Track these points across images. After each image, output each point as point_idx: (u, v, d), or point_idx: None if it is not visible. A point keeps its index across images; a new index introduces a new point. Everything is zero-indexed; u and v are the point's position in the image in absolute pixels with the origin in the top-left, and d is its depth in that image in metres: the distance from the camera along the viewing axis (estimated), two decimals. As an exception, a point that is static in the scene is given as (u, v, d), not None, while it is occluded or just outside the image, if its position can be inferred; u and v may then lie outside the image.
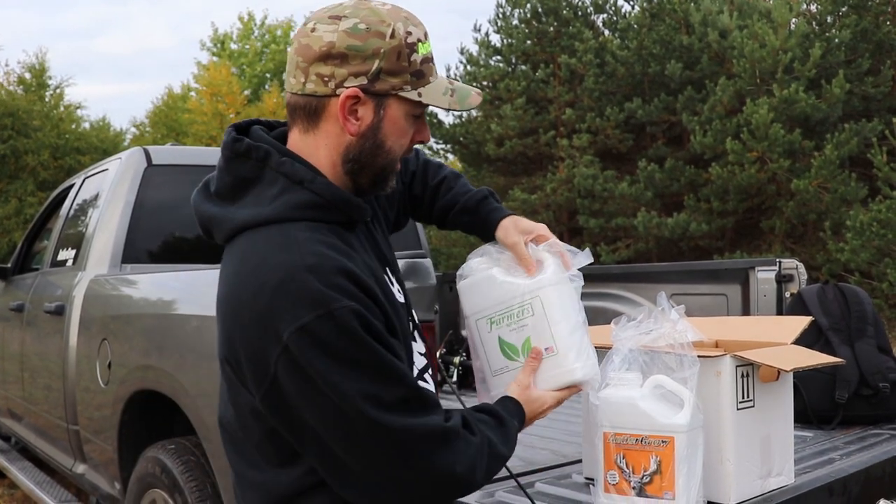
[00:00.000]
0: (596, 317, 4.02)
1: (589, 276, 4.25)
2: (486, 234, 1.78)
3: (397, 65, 1.39)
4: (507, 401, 1.57)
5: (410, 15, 1.44)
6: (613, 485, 1.76)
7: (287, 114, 1.48)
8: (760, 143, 12.55)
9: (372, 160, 1.44)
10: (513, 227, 1.73)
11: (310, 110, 1.42)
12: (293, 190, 1.40)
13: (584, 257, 1.73)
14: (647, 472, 1.72)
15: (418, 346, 1.62)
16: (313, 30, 1.39)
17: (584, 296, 1.75)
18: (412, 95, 1.41)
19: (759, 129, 12.46)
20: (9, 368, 4.90)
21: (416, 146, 1.60)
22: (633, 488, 1.73)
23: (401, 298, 1.55)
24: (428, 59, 1.44)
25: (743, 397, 1.79)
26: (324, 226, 1.40)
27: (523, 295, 1.65)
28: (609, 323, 1.95)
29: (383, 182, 1.49)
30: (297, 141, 1.46)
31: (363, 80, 1.38)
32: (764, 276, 3.29)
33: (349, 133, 1.42)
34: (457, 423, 1.38)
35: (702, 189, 13.98)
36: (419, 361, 1.61)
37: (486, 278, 1.72)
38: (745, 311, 3.34)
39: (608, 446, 1.78)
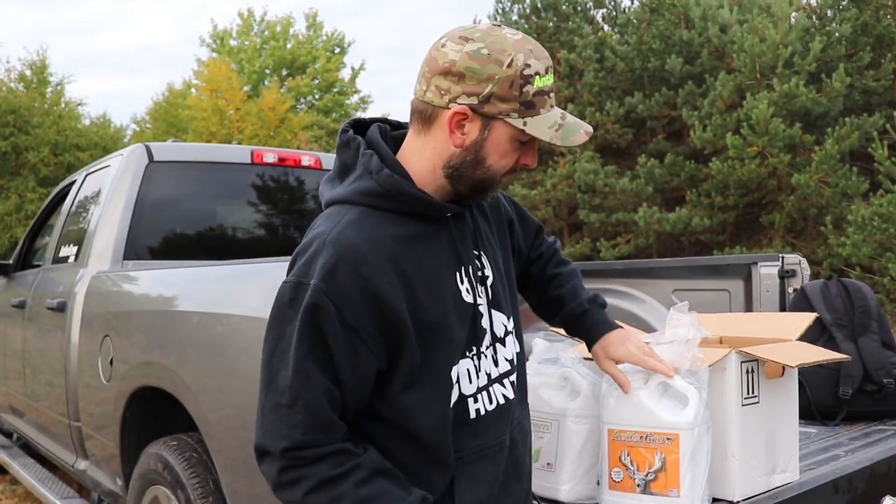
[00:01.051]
0: (598, 312, 4.04)
1: (590, 271, 4.28)
2: (589, 346, 1.91)
3: (509, 92, 1.51)
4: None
5: (537, 48, 1.54)
6: (618, 482, 1.75)
7: (409, 113, 1.62)
8: (761, 138, 12.53)
9: (471, 172, 1.56)
10: (618, 344, 1.85)
11: (425, 116, 1.57)
12: (364, 178, 1.57)
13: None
14: (652, 470, 1.71)
15: (504, 352, 1.68)
16: (443, 45, 1.54)
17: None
18: (517, 123, 1.52)
19: (759, 123, 12.44)
20: (11, 365, 4.90)
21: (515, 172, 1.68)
22: (638, 486, 1.72)
23: (469, 299, 1.60)
24: (543, 92, 1.53)
25: (748, 393, 1.79)
26: (383, 213, 1.55)
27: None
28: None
29: (482, 193, 1.60)
30: (410, 139, 1.61)
31: (474, 100, 1.52)
32: (767, 272, 3.28)
33: (454, 144, 1.55)
34: (303, 455, 1.44)
35: (702, 184, 13.96)
36: (503, 367, 1.67)
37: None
38: (748, 306, 3.33)
39: (612, 443, 1.77)
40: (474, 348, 1.60)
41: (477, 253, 1.67)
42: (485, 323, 1.63)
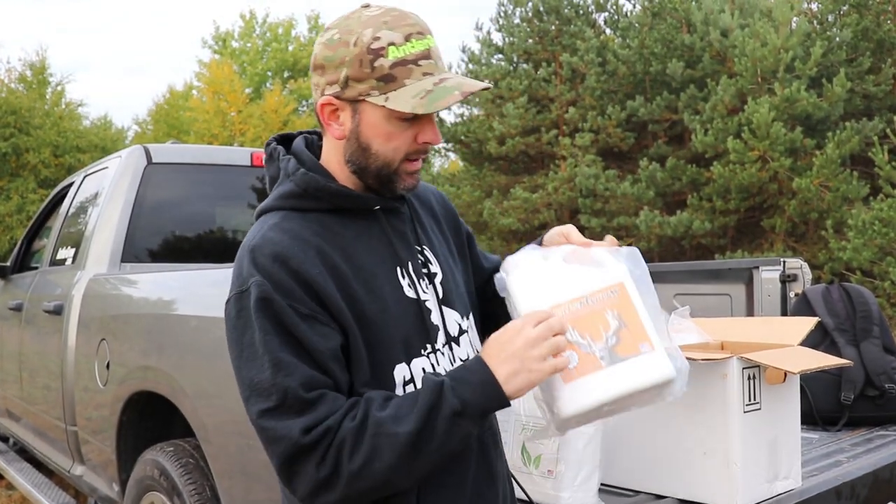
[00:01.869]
0: (598, 317, 4.03)
1: (591, 275, 4.25)
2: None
3: (360, 71, 1.45)
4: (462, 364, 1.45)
5: (397, 18, 1.47)
6: (574, 368, 1.40)
7: None
8: (762, 142, 12.53)
9: (364, 162, 1.51)
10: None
11: (317, 116, 1.54)
12: (284, 183, 1.55)
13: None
14: (611, 332, 1.41)
15: (459, 352, 1.60)
16: (315, 43, 1.52)
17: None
18: (379, 100, 1.45)
19: (760, 127, 12.44)
20: (7, 368, 4.88)
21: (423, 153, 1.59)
22: (603, 358, 1.40)
23: (412, 294, 1.54)
24: (405, 62, 1.44)
25: (750, 400, 1.77)
26: (307, 214, 1.52)
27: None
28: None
29: (389, 183, 1.53)
30: (324, 143, 1.60)
31: (337, 88, 1.48)
32: (768, 276, 3.27)
33: (335, 137, 1.52)
34: (313, 438, 1.35)
35: (704, 188, 13.96)
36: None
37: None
38: (750, 311, 3.31)
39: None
40: (428, 346, 1.53)
41: (419, 248, 1.62)
42: (435, 319, 1.57)
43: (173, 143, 4.18)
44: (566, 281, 1.46)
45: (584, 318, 1.42)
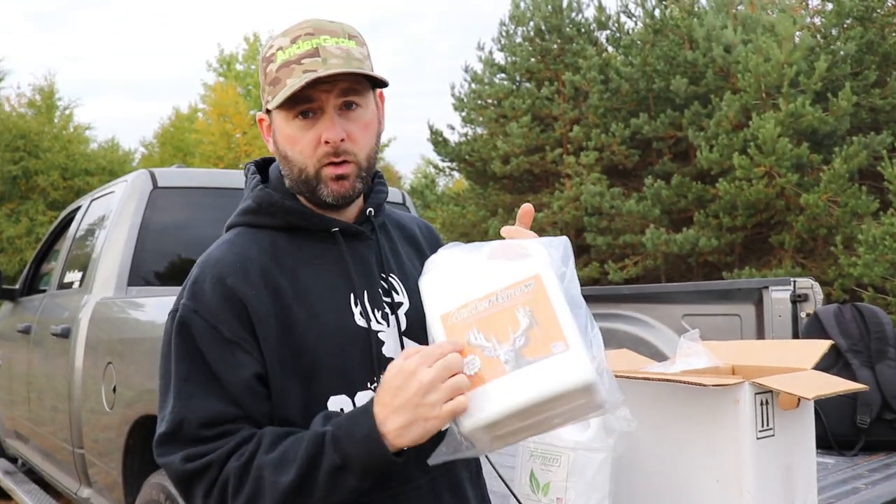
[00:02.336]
0: (607, 339, 3.98)
1: (599, 296, 4.24)
2: None
3: (263, 81, 1.48)
4: (353, 410, 1.33)
5: (294, 27, 1.46)
6: (475, 374, 1.24)
7: None
8: (768, 158, 12.50)
9: (290, 171, 1.49)
10: None
11: None
12: (245, 199, 1.56)
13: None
14: (520, 332, 1.25)
15: None
16: None
17: (594, 317, 1.68)
18: (270, 105, 1.46)
19: (766, 143, 12.42)
20: (16, 390, 4.88)
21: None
22: (507, 362, 1.23)
23: (362, 323, 1.47)
24: (288, 63, 1.42)
25: (763, 426, 1.74)
26: (263, 231, 1.51)
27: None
28: (620, 345, 1.94)
29: (315, 192, 1.48)
30: None
31: (265, 104, 1.49)
32: (778, 296, 3.24)
33: (271, 152, 1.54)
34: (195, 467, 1.31)
35: (710, 205, 13.92)
36: None
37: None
38: (760, 331, 3.29)
39: (452, 329, 1.31)
40: (375, 379, 1.44)
41: (384, 276, 1.55)
42: (389, 352, 1.48)
43: (178, 168, 4.19)
44: (480, 277, 1.32)
45: (491, 317, 1.27)
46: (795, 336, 3.12)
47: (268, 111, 1.50)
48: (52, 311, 4.31)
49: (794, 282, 3.24)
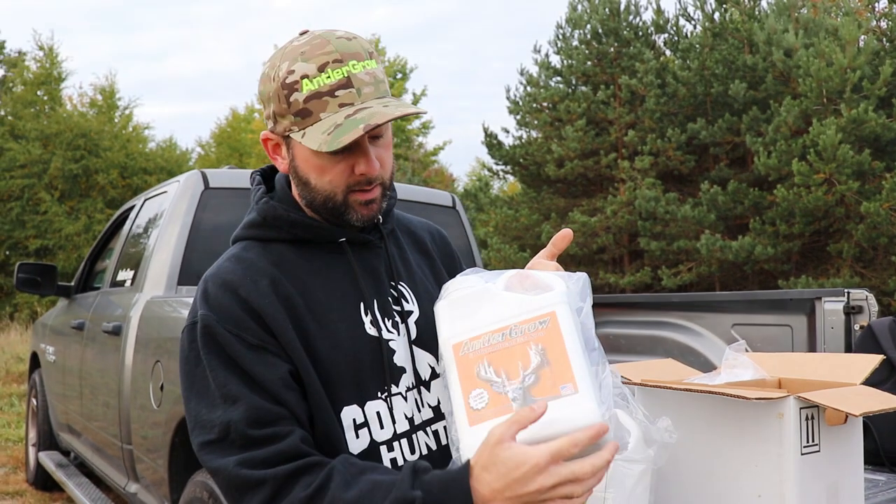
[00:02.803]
0: (654, 346, 3.94)
1: (648, 304, 4.18)
2: None
3: (280, 107, 1.41)
4: (444, 475, 1.23)
5: (314, 48, 1.38)
6: (481, 409, 1.25)
7: None
8: (828, 165, 12.24)
9: (310, 196, 1.46)
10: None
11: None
12: (250, 211, 1.54)
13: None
14: (530, 371, 1.25)
15: (429, 397, 1.51)
16: None
17: (641, 324, 1.67)
18: (297, 137, 1.39)
19: (826, 149, 12.16)
20: (69, 385, 4.98)
21: None
22: (515, 399, 1.23)
23: (373, 333, 1.46)
24: (319, 95, 1.36)
25: (807, 441, 1.69)
26: (270, 244, 1.49)
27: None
28: (668, 354, 1.89)
29: (341, 216, 1.46)
30: None
31: (271, 124, 1.45)
32: (831, 308, 3.16)
33: (282, 170, 1.50)
34: (251, 475, 1.27)
35: (767, 212, 13.68)
36: (426, 413, 1.50)
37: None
38: (811, 343, 3.20)
39: (463, 361, 1.30)
40: (386, 388, 1.45)
41: (393, 284, 1.55)
42: (400, 360, 1.48)
43: (230, 169, 4.24)
44: (496, 308, 1.31)
45: (502, 352, 1.26)
46: (848, 349, 3.03)
47: (276, 134, 1.46)
48: (105, 309, 4.39)
49: (848, 293, 3.15)
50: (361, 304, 1.48)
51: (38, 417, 5.98)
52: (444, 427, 1.49)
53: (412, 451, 1.46)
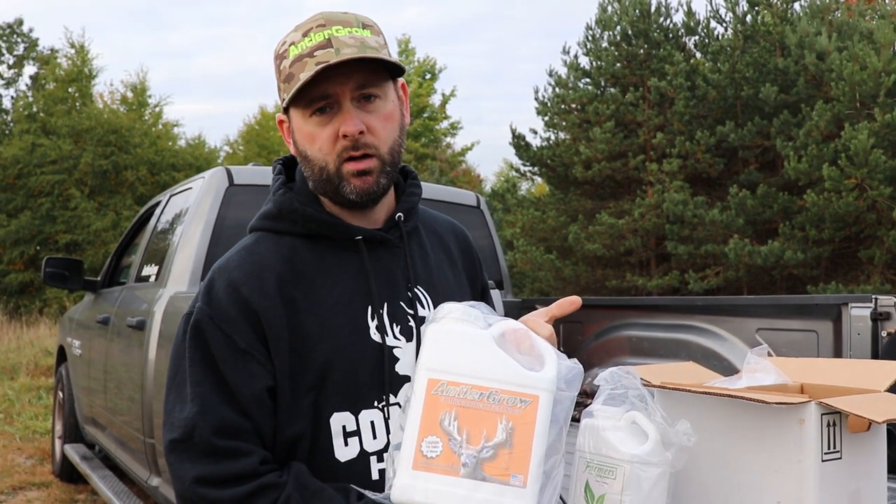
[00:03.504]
0: (678, 350, 3.91)
1: (671, 307, 4.15)
2: None
3: (278, 79, 1.43)
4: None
5: (307, 21, 1.41)
6: (431, 458, 1.22)
7: None
8: (859, 170, 12.09)
9: (311, 172, 1.44)
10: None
11: None
12: (267, 201, 1.52)
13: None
14: (491, 444, 1.23)
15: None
16: None
17: (664, 327, 1.65)
18: (286, 102, 1.41)
19: (858, 154, 12.01)
20: (94, 379, 5.03)
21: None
22: (465, 465, 1.21)
23: (377, 338, 1.43)
24: (300, 57, 1.37)
25: (829, 448, 1.66)
26: (284, 237, 1.47)
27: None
28: (691, 358, 1.87)
29: (338, 191, 1.43)
30: None
31: (282, 103, 1.46)
32: (858, 313, 3.11)
33: (292, 153, 1.50)
34: (204, 495, 1.29)
35: (796, 216, 13.53)
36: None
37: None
38: (837, 349, 3.16)
39: (432, 400, 1.26)
40: (384, 398, 1.41)
41: (410, 287, 1.50)
42: (404, 369, 1.43)
43: (254, 166, 4.25)
44: (485, 363, 1.27)
45: (473, 412, 1.23)
46: (875, 356, 2.99)
47: (286, 111, 1.46)
48: (130, 304, 4.42)
49: (876, 299, 3.10)
50: (369, 308, 1.44)
51: (65, 410, 6.05)
52: None
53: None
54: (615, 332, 4.22)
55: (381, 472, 1.39)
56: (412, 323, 1.47)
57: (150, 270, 4.34)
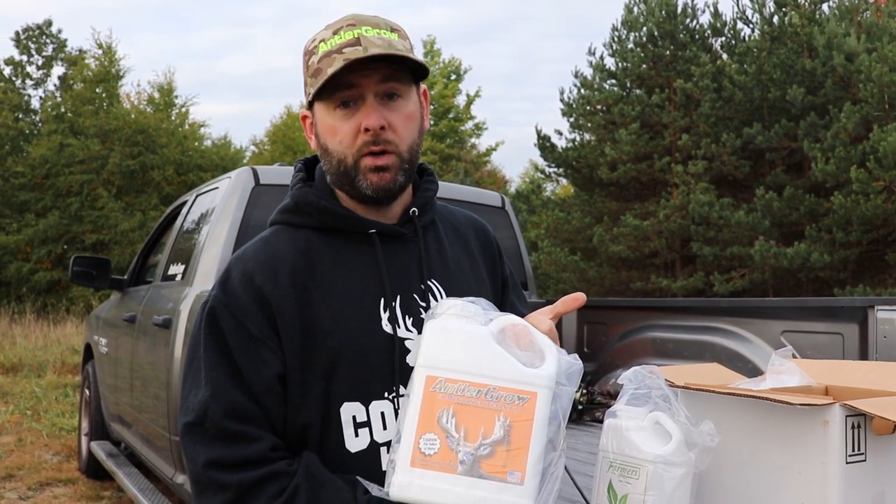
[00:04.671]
0: (702, 351, 3.89)
1: (696, 308, 4.12)
2: None
3: (305, 75, 1.47)
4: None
5: (338, 21, 1.46)
6: (428, 455, 1.22)
7: None
8: (888, 172, 11.97)
9: (329, 165, 1.48)
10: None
11: None
12: (286, 197, 1.56)
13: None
14: (488, 441, 1.23)
15: None
16: None
17: (689, 329, 1.65)
18: (311, 95, 1.44)
19: (886, 156, 11.89)
20: (121, 377, 5.06)
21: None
22: (462, 462, 1.22)
23: (389, 330, 1.45)
24: (329, 53, 1.41)
25: (853, 450, 1.65)
26: (300, 230, 1.50)
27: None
28: (715, 359, 1.86)
29: (351, 183, 1.46)
30: None
31: (306, 100, 1.49)
32: (885, 316, 3.07)
33: (313, 148, 1.52)
34: (216, 478, 1.32)
35: (823, 219, 13.43)
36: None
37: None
38: (863, 352, 3.13)
39: (430, 397, 1.26)
40: (394, 389, 1.42)
41: (424, 281, 1.52)
42: (413, 360, 1.39)
43: (280, 166, 4.27)
44: (484, 359, 1.27)
45: (471, 409, 1.24)
46: (902, 358, 2.96)
47: (310, 106, 1.50)
48: (156, 302, 4.46)
49: (903, 302, 3.07)
50: (382, 300, 1.46)
51: (91, 408, 6.10)
52: None
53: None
54: (639, 334, 4.20)
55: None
56: (424, 316, 1.46)
57: (177, 269, 4.37)
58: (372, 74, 1.40)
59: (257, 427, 1.36)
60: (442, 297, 1.53)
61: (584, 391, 4.03)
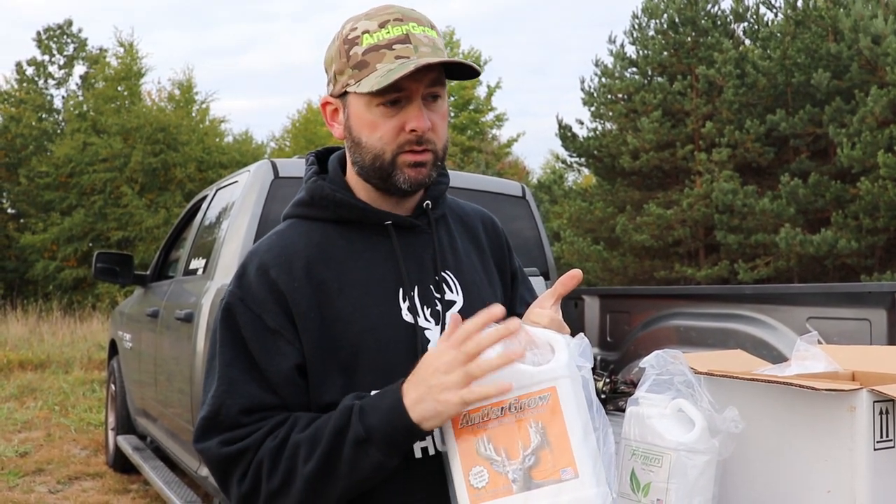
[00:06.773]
0: (727, 339, 3.84)
1: (720, 296, 4.08)
2: None
3: (341, 63, 1.45)
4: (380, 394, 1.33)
5: (377, 10, 1.45)
6: (481, 488, 1.25)
7: None
8: (916, 156, 11.81)
9: (360, 158, 1.47)
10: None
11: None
12: (300, 190, 1.56)
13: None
14: (530, 451, 1.24)
15: None
16: None
17: (713, 316, 1.64)
18: (354, 88, 1.42)
19: (914, 141, 11.73)
20: (145, 371, 5.10)
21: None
22: (515, 481, 1.23)
23: (409, 319, 1.46)
24: (377, 48, 1.40)
25: (881, 436, 1.62)
26: (315, 223, 1.51)
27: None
28: (740, 347, 1.84)
29: (388, 178, 1.46)
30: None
31: (331, 87, 1.49)
32: (913, 301, 3.02)
33: (337, 136, 1.51)
34: (230, 452, 1.34)
35: (849, 205, 13.27)
36: None
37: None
38: (891, 338, 3.07)
39: (462, 434, 1.28)
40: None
41: (438, 272, 1.53)
42: None
43: (299, 158, 4.27)
44: (493, 378, 1.25)
45: (502, 428, 1.25)
46: (931, 343, 2.91)
47: (339, 95, 1.48)
48: (178, 297, 4.48)
49: (931, 286, 3.01)
50: (400, 290, 1.48)
51: (117, 403, 6.15)
52: None
53: (434, 445, 1.44)
54: (663, 322, 4.16)
55: (424, 450, 1.42)
56: (439, 307, 1.50)
57: (198, 264, 4.39)
58: (422, 78, 1.41)
59: (273, 413, 1.37)
60: (455, 289, 1.54)
61: (608, 380, 4.00)
